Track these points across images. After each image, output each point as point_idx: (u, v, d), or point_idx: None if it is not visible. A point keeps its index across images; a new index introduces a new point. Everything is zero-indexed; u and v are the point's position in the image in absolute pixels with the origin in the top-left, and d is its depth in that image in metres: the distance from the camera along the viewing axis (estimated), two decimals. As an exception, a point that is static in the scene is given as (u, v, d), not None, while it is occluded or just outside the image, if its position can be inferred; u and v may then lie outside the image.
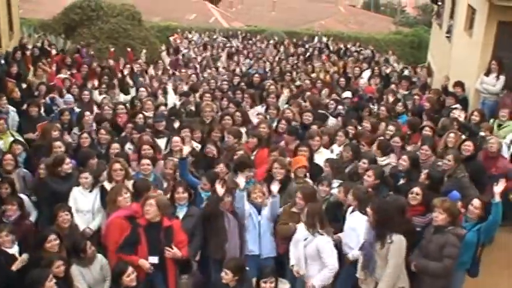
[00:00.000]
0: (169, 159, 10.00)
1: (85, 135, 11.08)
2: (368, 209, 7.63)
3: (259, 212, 8.63)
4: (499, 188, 7.90)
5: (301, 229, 8.06)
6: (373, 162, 9.84)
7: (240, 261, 7.69)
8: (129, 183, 9.07)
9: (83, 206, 9.00)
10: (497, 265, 8.51)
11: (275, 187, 8.57)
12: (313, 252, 7.83)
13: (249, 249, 8.54)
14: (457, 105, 13.40)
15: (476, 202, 8.06)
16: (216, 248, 8.36)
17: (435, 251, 7.46)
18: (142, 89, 15.38)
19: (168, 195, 8.78)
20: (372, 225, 7.54)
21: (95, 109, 13.97)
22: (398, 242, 7.33)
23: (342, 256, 8.18)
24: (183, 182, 8.95)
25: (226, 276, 7.30)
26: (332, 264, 7.75)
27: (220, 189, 8.29)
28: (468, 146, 10.24)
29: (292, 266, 8.08)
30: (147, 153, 10.07)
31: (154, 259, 7.71)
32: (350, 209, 8.32)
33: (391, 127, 11.71)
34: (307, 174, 9.75)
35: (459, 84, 14.76)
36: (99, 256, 8.00)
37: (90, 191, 9.13)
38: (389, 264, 7.34)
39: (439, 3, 23.54)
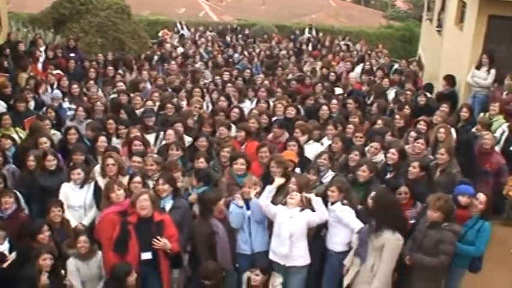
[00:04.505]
0: (148, 156, 9.76)
1: (72, 130, 10.98)
2: (369, 198, 7.88)
3: (248, 207, 8.35)
4: None
5: (282, 211, 8.06)
6: (364, 155, 9.98)
7: (214, 266, 7.70)
8: (124, 179, 8.99)
9: (75, 202, 8.95)
10: (492, 261, 8.47)
11: (279, 180, 8.40)
12: (301, 226, 7.92)
13: (240, 247, 8.38)
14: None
15: (481, 196, 8.02)
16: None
17: (430, 246, 7.44)
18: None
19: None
20: (371, 215, 7.64)
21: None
22: (394, 241, 7.37)
23: (325, 254, 8.29)
24: (165, 173, 8.79)
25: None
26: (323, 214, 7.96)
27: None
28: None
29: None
30: (138, 149, 10.06)
31: (147, 255, 7.63)
32: (330, 203, 8.31)
33: (379, 121, 11.76)
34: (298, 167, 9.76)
35: (448, 77, 14.77)
36: (99, 253, 7.95)
37: (81, 187, 9.06)
38: (382, 264, 7.41)
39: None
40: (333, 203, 8.22)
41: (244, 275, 8.14)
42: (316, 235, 8.30)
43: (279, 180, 8.37)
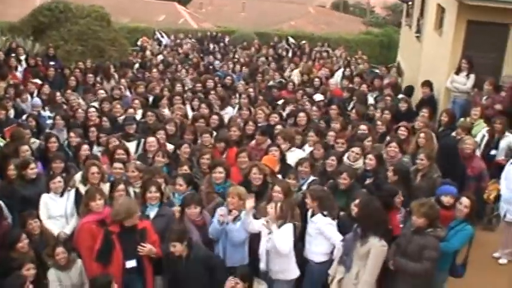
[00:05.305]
0: (131, 163, 9.82)
1: (53, 139, 10.95)
2: (353, 205, 7.96)
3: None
4: None
5: (263, 227, 7.97)
6: (341, 160, 10.05)
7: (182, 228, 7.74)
8: (105, 186, 8.96)
9: (55, 212, 8.83)
10: (473, 265, 8.51)
11: (250, 202, 8.07)
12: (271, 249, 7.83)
13: None
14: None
15: (465, 201, 8.04)
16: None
17: (414, 251, 7.43)
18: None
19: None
20: (356, 221, 7.66)
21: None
22: (379, 247, 7.35)
23: (304, 264, 8.22)
24: (155, 181, 8.76)
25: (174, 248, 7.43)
26: (285, 249, 7.71)
27: None
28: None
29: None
30: (121, 157, 10.01)
31: (132, 263, 7.61)
32: (310, 212, 8.30)
33: (363, 126, 11.78)
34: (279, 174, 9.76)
35: (426, 83, 14.86)
36: (79, 261, 7.92)
37: (61, 196, 8.96)
38: (368, 270, 7.37)
39: (410, 2, 23.66)
40: (313, 215, 8.19)
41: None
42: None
43: (249, 203, 8.03)
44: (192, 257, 7.53)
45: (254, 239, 8.22)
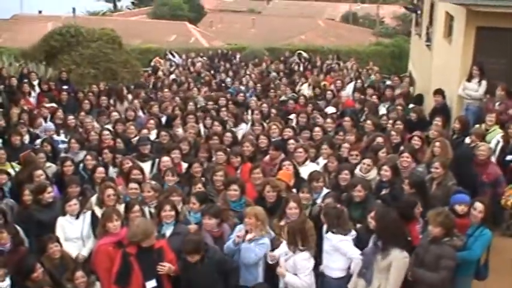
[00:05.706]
0: (146, 183, 9.89)
1: (68, 162, 11.03)
2: (369, 218, 7.95)
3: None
4: None
5: (283, 245, 8.00)
6: (353, 173, 10.04)
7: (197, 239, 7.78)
8: (121, 207, 9.01)
9: (72, 234, 8.91)
10: (492, 271, 8.46)
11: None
12: (291, 269, 7.79)
13: None
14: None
15: (478, 206, 8.04)
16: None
17: (431, 261, 7.43)
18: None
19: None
20: (375, 234, 7.63)
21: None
22: (402, 259, 7.33)
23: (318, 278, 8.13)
24: (170, 200, 8.81)
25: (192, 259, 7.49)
26: (306, 282, 7.71)
27: None
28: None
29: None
30: (137, 178, 10.06)
31: (152, 283, 7.63)
32: (324, 227, 8.24)
33: (379, 138, 11.76)
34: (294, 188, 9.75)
35: (439, 92, 14.82)
36: (98, 284, 7.95)
37: (77, 218, 9.02)
38: (391, 283, 7.32)
39: (418, 12, 23.62)
40: (327, 231, 8.13)
41: None
42: None
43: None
44: (206, 260, 7.60)
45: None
